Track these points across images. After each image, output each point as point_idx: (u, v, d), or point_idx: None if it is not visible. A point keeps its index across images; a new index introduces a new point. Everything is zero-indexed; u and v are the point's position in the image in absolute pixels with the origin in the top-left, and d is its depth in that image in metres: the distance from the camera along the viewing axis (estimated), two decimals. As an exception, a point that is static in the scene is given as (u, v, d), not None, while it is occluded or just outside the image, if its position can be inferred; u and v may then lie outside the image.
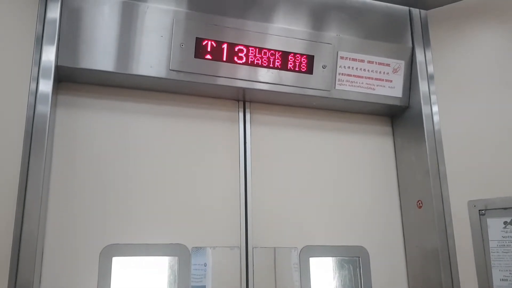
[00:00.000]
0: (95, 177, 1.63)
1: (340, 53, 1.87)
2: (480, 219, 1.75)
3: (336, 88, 1.87)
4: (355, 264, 1.88)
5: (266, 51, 1.76)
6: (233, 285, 1.69)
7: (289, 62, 1.80)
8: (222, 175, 1.80)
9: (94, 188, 1.62)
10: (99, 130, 1.68)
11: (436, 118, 1.90)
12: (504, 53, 1.85)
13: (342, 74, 1.88)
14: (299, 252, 1.80)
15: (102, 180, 1.63)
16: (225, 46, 1.71)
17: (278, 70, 1.78)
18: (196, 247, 1.67)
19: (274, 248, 1.78)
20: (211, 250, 1.69)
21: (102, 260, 1.55)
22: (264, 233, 1.79)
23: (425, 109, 1.90)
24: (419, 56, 1.96)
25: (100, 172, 1.64)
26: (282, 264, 1.77)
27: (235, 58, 1.72)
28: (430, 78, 1.95)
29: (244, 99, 1.90)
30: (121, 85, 1.72)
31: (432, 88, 1.93)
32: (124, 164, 1.68)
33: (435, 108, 1.91)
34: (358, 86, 1.91)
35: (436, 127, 1.89)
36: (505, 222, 1.71)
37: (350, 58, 1.89)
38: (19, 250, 1.32)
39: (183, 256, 1.64)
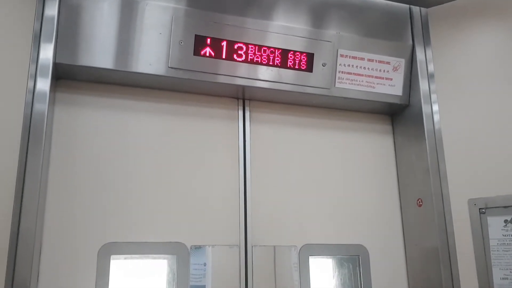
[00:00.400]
0: (93, 175, 1.62)
1: (340, 51, 1.86)
2: (480, 218, 1.74)
3: (336, 86, 1.86)
4: (354, 263, 1.88)
5: (265, 48, 1.75)
6: (233, 284, 1.68)
7: (288, 60, 1.78)
8: (222, 173, 1.79)
9: (92, 186, 1.61)
10: (97, 127, 1.67)
11: (436, 116, 1.89)
12: (504, 50, 1.84)
13: (342, 72, 1.87)
14: (298, 250, 1.79)
15: (100, 178, 1.62)
16: (224, 43, 1.70)
17: (277, 68, 1.77)
18: (195, 246, 1.67)
19: (274, 246, 1.77)
20: (210, 248, 1.68)
21: (100, 258, 1.54)
22: (264, 231, 1.78)
23: (425, 108, 1.90)
24: (420, 54, 1.95)
25: (99, 170, 1.63)
26: (282, 262, 1.76)
27: (235, 56, 1.71)
28: (430, 76, 1.94)
29: (244, 97, 1.89)
30: (120, 82, 1.71)
31: (433, 86, 1.93)
32: (123, 162, 1.67)
33: (435, 107, 1.90)
34: (358, 84, 1.90)
35: (436, 126, 1.88)
36: (505, 221, 1.70)
37: (350, 56, 1.88)
38: (16, 248, 1.31)
39: (182, 254, 1.63)
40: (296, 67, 1.80)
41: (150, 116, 1.75)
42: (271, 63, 1.76)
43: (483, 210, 1.74)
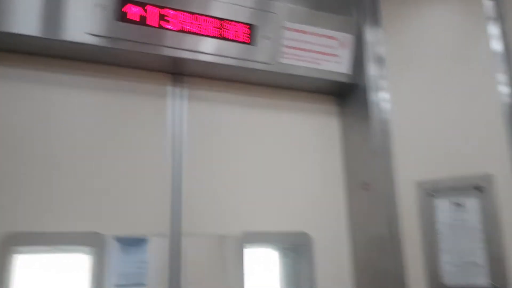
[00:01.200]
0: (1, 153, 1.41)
1: (285, 24, 1.73)
2: (428, 200, 1.66)
3: (280, 61, 1.75)
4: (297, 252, 1.76)
5: (199, 16, 1.61)
6: (161, 278, 1.51)
7: (228, 31, 1.65)
8: (150, 155, 1.63)
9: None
10: (6, 102, 1.46)
11: (384, 96, 1.82)
12: (458, 30, 1.79)
13: (287, 46, 1.76)
14: (236, 239, 1.64)
15: (9, 157, 1.42)
16: (151, 8, 1.53)
17: (215, 39, 1.64)
18: (116, 236, 1.47)
19: (209, 235, 1.62)
20: (135, 239, 1.49)
21: (0, 251, 1.33)
22: (198, 219, 1.64)
23: (372, 87, 1.82)
24: (369, 30, 1.89)
25: (8, 148, 1.43)
26: (217, 252, 1.61)
27: (162, 23, 1.54)
28: (379, 54, 1.87)
29: (178, 72, 1.73)
30: (32, 51, 1.52)
31: (381, 64, 1.86)
32: (34, 140, 1.47)
33: (383, 86, 1.83)
34: (303, 60, 1.80)
35: (383, 106, 1.81)
36: (455, 203, 1.63)
37: (295, 30, 1.77)
38: None
39: (99, 246, 1.44)
40: (237, 39, 1.66)
41: (69, 90, 1.57)
42: (207, 33, 1.62)
43: (432, 192, 1.66)
